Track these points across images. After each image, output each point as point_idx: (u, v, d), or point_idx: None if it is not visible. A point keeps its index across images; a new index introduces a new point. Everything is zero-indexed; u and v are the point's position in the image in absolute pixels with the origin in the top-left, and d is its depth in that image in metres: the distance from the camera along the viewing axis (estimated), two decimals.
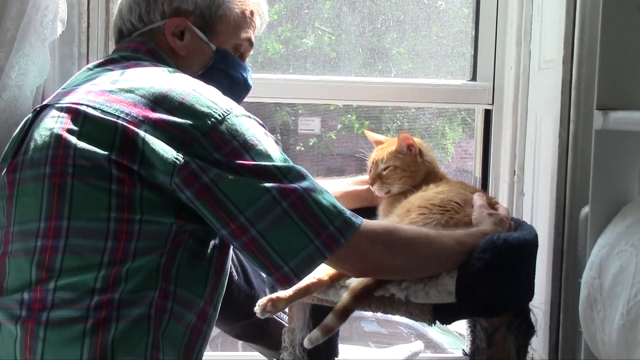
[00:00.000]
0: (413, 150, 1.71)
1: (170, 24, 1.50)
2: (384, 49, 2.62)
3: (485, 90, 2.27)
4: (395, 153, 1.71)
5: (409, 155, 1.70)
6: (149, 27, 1.52)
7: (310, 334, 1.41)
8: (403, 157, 1.70)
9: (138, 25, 1.52)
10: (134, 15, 1.52)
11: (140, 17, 1.52)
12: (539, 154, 2.03)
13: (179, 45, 1.51)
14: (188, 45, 1.52)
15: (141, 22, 1.52)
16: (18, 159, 1.31)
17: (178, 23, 1.51)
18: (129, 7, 1.53)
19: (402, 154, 1.70)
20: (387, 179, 1.70)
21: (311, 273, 1.30)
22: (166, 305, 1.27)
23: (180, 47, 1.51)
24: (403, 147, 1.70)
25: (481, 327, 1.48)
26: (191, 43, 1.52)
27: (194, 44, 1.52)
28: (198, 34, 1.52)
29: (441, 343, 3.94)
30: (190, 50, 1.52)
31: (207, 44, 1.53)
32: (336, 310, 1.41)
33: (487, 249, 1.38)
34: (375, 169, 1.72)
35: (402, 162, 1.70)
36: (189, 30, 1.51)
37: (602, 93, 1.36)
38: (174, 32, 1.51)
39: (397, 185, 1.69)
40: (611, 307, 1.25)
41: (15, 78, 1.60)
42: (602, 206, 1.38)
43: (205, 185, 1.22)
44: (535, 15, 2.08)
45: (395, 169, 1.69)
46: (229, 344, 3.00)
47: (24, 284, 1.25)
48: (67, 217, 1.23)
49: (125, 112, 1.25)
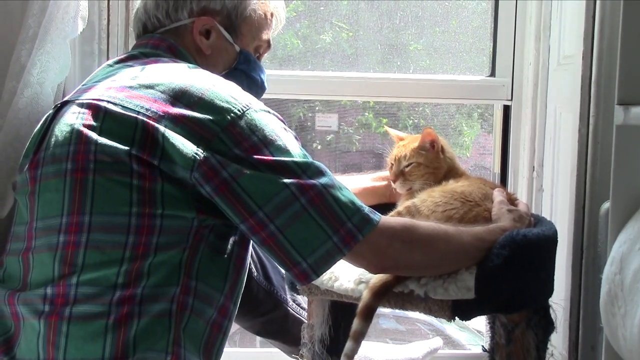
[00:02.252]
0: (436, 147, 1.70)
1: (199, 22, 1.51)
2: (402, 45, 2.62)
3: (504, 86, 2.26)
4: (418, 150, 1.69)
5: (431, 152, 1.69)
6: (175, 24, 1.52)
7: (345, 349, 1.39)
8: (426, 153, 1.69)
9: (165, 21, 1.53)
10: (160, 11, 1.53)
11: (168, 13, 1.52)
12: (558, 150, 2.02)
13: (205, 44, 1.52)
14: (213, 45, 1.52)
15: (168, 19, 1.52)
16: (39, 155, 1.32)
17: (206, 22, 1.51)
18: (156, 3, 1.53)
19: (425, 150, 1.69)
20: (410, 175, 1.69)
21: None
22: (187, 301, 1.27)
23: (206, 46, 1.52)
24: (426, 143, 1.69)
25: (500, 323, 1.48)
26: (217, 43, 1.53)
27: (220, 43, 1.53)
28: (224, 34, 1.53)
29: (459, 340, 3.92)
30: (215, 50, 1.53)
31: (232, 44, 1.54)
32: (360, 312, 1.41)
33: (506, 245, 1.37)
34: (397, 165, 1.71)
35: (425, 159, 1.69)
36: (215, 29, 1.52)
37: (623, 88, 1.35)
38: (201, 30, 1.51)
39: (420, 182, 1.68)
40: (632, 303, 1.25)
41: (37, 75, 1.62)
42: (622, 202, 1.37)
43: (225, 181, 1.22)
44: (555, 11, 2.07)
45: (418, 165, 1.68)
46: (247, 340, 3.01)
47: (47, 279, 1.26)
48: (89, 212, 1.24)
49: (146, 108, 1.25)
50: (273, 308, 1.84)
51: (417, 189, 1.68)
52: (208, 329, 1.33)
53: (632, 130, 1.35)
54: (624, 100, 1.35)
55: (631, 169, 1.37)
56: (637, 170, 1.37)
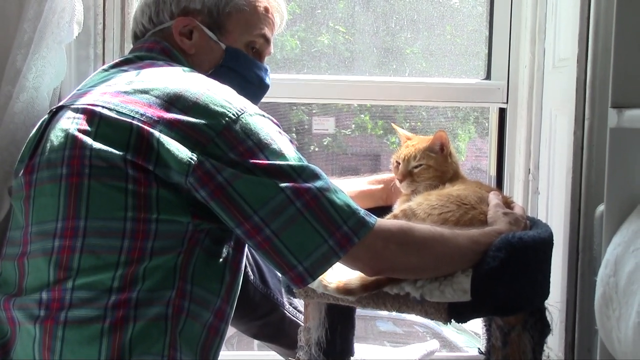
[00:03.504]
0: (445, 151, 1.70)
1: (178, 23, 1.51)
2: (398, 48, 2.62)
3: (499, 89, 2.26)
4: (427, 151, 1.69)
5: (440, 155, 1.70)
6: (158, 27, 1.53)
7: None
8: (435, 156, 1.69)
9: (148, 26, 1.55)
10: (144, 17, 1.55)
11: (150, 18, 1.54)
12: (553, 153, 2.02)
13: (187, 44, 1.52)
14: (196, 44, 1.52)
15: (151, 24, 1.54)
16: (35, 160, 1.32)
17: (186, 22, 1.52)
18: (142, 10, 1.56)
19: (434, 152, 1.69)
20: (419, 177, 1.69)
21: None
22: (183, 305, 1.27)
23: (188, 46, 1.52)
24: (436, 145, 1.69)
25: (497, 326, 1.48)
26: (199, 42, 1.53)
27: (202, 42, 1.53)
28: (207, 33, 1.53)
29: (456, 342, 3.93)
30: (199, 49, 1.52)
31: (217, 42, 1.54)
32: (339, 289, 1.43)
33: (502, 248, 1.38)
34: (406, 165, 1.70)
35: (435, 162, 1.69)
36: (197, 29, 1.52)
37: (617, 91, 1.35)
38: (182, 31, 1.52)
39: (425, 184, 1.68)
40: (627, 305, 1.25)
41: (33, 80, 1.62)
42: (617, 204, 1.38)
43: (220, 185, 1.22)
44: (550, 14, 2.08)
45: (428, 167, 1.68)
46: (245, 343, 3.01)
47: (42, 284, 1.26)
48: (84, 217, 1.24)
49: (140, 113, 1.25)
50: (270, 311, 1.83)
51: (420, 190, 1.68)
52: (204, 333, 1.33)
53: (626, 133, 1.36)
54: (618, 103, 1.35)
55: (625, 172, 1.38)
56: (631, 173, 1.38)
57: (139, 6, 1.57)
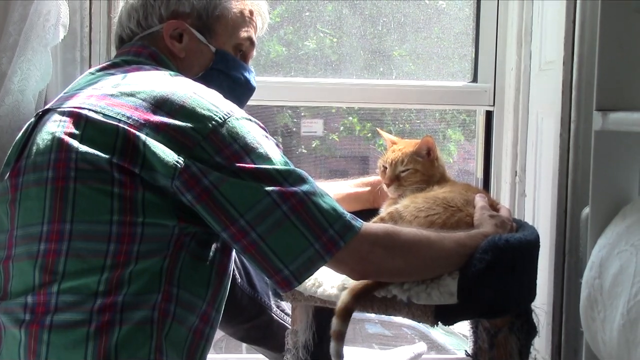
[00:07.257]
0: (431, 155, 1.71)
1: (168, 26, 1.51)
2: (385, 51, 2.62)
3: (486, 92, 2.27)
4: (414, 156, 1.70)
5: (426, 160, 1.71)
6: (147, 31, 1.52)
7: (331, 350, 1.39)
8: (422, 161, 1.70)
9: (137, 30, 1.53)
10: (132, 21, 1.53)
11: (139, 22, 1.53)
12: (540, 155, 2.03)
13: (178, 47, 1.51)
14: (187, 48, 1.52)
15: (140, 28, 1.53)
16: (21, 163, 1.32)
17: (176, 26, 1.51)
18: (128, 14, 1.54)
19: (421, 157, 1.70)
20: (405, 181, 1.70)
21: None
22: (169, 308, 1.27)
23: (179, 49, 1.51)
24: (423, 150, 1.70)
25: (483, 328, 1.49)
26: (190, 45, 1.52)
27: (193, 45, 1.53)
28: (196, 36, 1.53)
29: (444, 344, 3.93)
30: (189, 52, 1.52)
31: (206, 45, 1.54)
32: (338, 313, 1.41)
33: (488, 250, 1.38)
34: (393, 169, 1.71)
35: (422, 166, 1.70)
36: (187, 32, 1.52)
37: (602, 94, 1.36)
38: (172, 34, 1.51)
39: (412, 188, 1.69)
40: (612, 307, 1.26)
41: (18, 83, 1.61)
42: (602, 207, 1.38)
43: (206, 189, 1.22)
44: (536, 17, 2.09)
45: (415, 172, 1.69)
46: (233, 346, 3.00)
47: (27, 288, 1.26)
48: (69, 220, 1.24)
49: (127, 116, 1.25)
50: (257, 314, 1.83)
51: (407, 194, 1.69)
52: (190, 336, 1.32)
53: (611, 135, 1.36)
54: (603, 106, 1.36)
55: (610, 175, 1.39)
56: (616, 176, 1.39)
57: (125, 10, 1.56)
